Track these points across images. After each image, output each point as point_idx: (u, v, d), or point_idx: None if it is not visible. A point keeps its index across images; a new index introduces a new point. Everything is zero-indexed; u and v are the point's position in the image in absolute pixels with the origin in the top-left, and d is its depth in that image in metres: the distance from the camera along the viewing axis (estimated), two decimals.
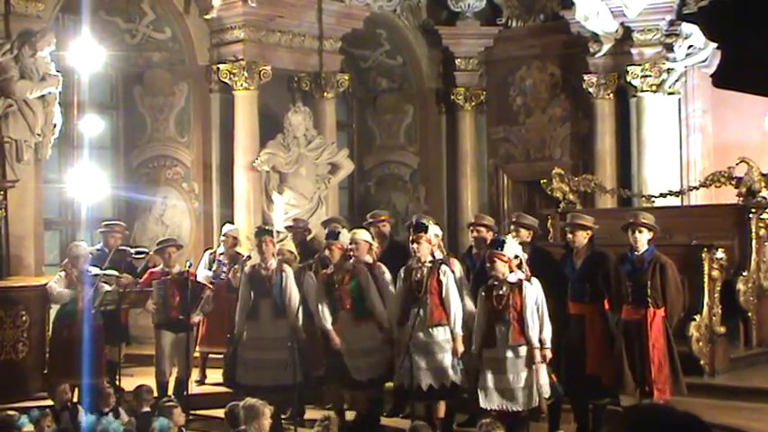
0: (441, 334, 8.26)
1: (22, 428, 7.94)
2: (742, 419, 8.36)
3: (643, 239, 8.14)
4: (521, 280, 7.78)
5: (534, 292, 7.76)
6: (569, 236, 8.38)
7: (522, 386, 7.72)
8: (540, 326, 7.76)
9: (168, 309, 9.76)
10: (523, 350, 7.73)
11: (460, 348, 8.22)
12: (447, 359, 8.24)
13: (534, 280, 7.82)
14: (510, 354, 7.75)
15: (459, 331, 8.23)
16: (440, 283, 8.25)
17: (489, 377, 7.83)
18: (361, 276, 8.69)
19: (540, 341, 7.76)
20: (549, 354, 7.78)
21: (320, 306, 8.84)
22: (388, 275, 8.72)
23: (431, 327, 8.24)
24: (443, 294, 8.25)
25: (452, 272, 8.40)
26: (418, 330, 8.19)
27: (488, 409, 7.76)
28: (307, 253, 10.17)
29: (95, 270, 9.83)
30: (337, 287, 8.75)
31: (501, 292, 7.80)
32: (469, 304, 8.35)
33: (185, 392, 9.59)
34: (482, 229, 8.94)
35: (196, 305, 9.83)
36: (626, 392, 8.14)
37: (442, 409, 8.38)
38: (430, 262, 8.34)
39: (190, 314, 9.71)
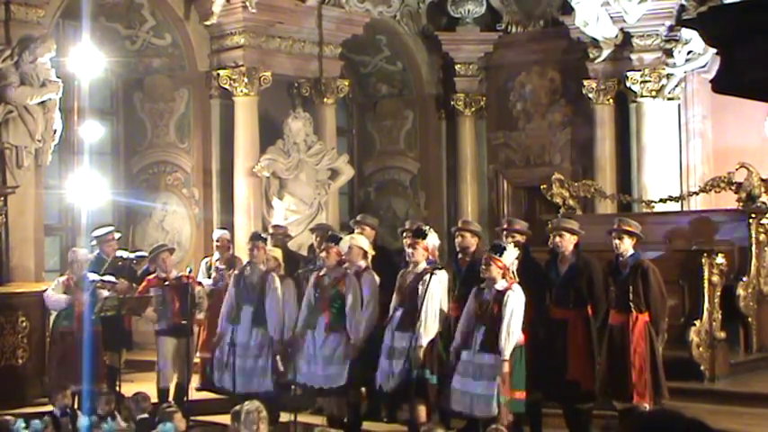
0: (406, 340, 8.21)
1: None
2: (742, 425, 8.36)
3: (625, 245, 8.17)
4: (506, 289, 7.78)
5: (515, 303, 7.72)
6: (557, 239, 8.37)
7: (484, 394, 7.69)
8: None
9: (168, 315, 9.76)
10: (492, 358, 7.71)
11: (419, 359, 8.11)
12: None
13: (517, 287, 7.80)
14: (479, 360, 7.76)
15: (422, 343, 8.14)
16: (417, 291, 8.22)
17: (459, 379, 7.86)
18: (345, 286, 8.68)
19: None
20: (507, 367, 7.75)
21: (298, 312, 8.88)
22: (374, 283, 8.71)
23: (402, 331, 8.24)
24: (418, 304, 8.16)
25: (439, 282, 8.33)
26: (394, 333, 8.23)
27: (453, 410, 7.81)
28: (289, 259, 10.15)
29: (93, 276, 9.83)
30: (325, 291, 8.78)
31: (485, 298, 7.81)
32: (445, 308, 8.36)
33: (186, 398, 9.59)
34: (467, 234, 8.89)
35: (195, 306, 9.85)
36: (609, 397, 8.14)
37: (422, 413, 8.34)
38: (422, 269, 8.33)
39: (191, 319, 9.73)
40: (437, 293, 8.21)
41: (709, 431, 2.71)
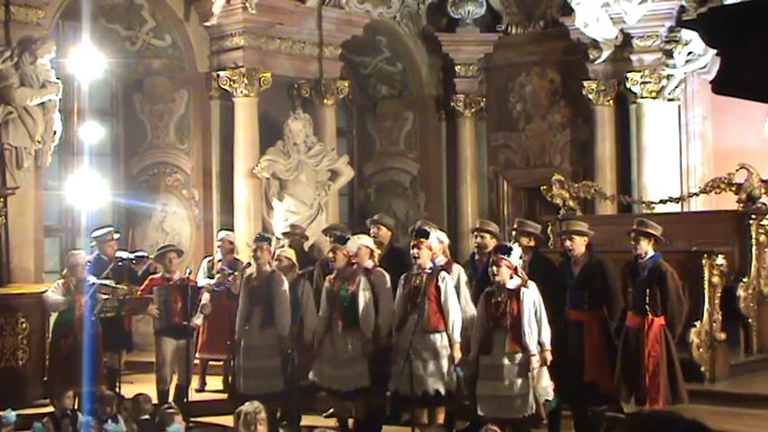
0: (438, 340, 8.25)
1: (10, 423, 8.00)
2: (742, 426, 8.36)
3: (642, 247, 8.10)
4: (519, 287, 7.78)
5: (531, 298, 7.74)
6: (567, 243, 8.37)
7: (518, 393, 7.70)
8: (538, 330, 7.74)
9: (170, 315, 9.76)
10: (519, 357, 7.72)
11: (458, 355, 8.21)
12: (444, 365, 8.23)
13: (531, 284, 7.80)
14: (506, 361, 7.75)
15: (456, 338, 8.22)
16: (438, 289, 8.24)
17: (485, 384, 7.83)
18: (355, 285, 8.68)
19: (540, 344, 7.73)
20: (549, 356, 7.75)
21: (314, 314, 8.91)
22: (387, 281, 8.71)
23: (428, 333, 8.23)
24: (442, 301, 8.24)
25: (452, 278, 8.40)
26: (416, 336, 8.20)
27: (485, 416, 7.77)
28: (304, 260, 10.15)
29: (93, 279, 9.82)
30: (335, 293, 8.77)
31: (499, 299, 7.80)
32: (471, 310, 8.35)
33: (185, 399, 9.59)
34: (486, 235, 8.94)
35: (195, 308, 9.85)
36: (622, 399, 8.14)
37: (441, 415, 8.36)
38: (430, 268, 8.34)
39: (191, 320, 9.73)
40: (453, 288, 8.28)
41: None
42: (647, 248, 8.08)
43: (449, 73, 15.63)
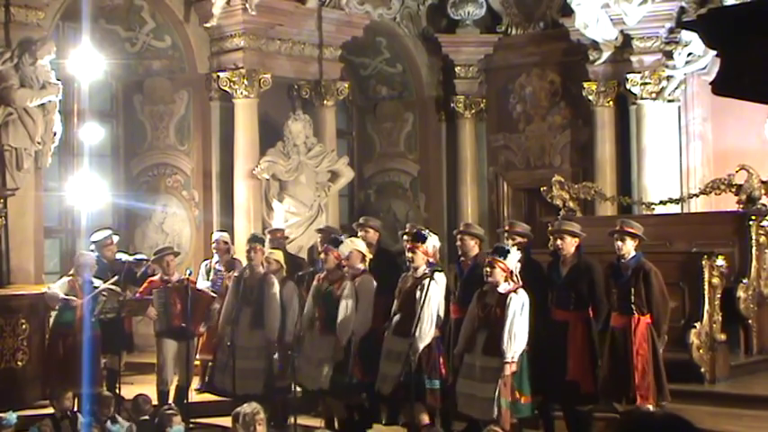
0: (406, 345, 8.20)
1: (11, 425, 8.01)
2: (742, 427, 8.36)
3: (627, 247, 8.18)
4: (508, 292, 7.77)
5: (518, 305, 7.72)
6: (558, 242, 8.39)
7: (486, 397, 7.69)
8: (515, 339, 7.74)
9: (170, 317, 9.77)
10: (495, 361, 7.71)
11: (415, 363, 8.09)
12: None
13: (522, 291, 7.81)
14: (482, 362, 7.77)
15: (418, 347, 8.11)
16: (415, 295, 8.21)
17: (462, 382, 7.88)
18: (341, 290, 8.67)
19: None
20: (514, 368, 7.71)
21: (295, 317, 8.98)
22: (369, 285, 8.70)
23: (402, 336, 8.23)
24: (416, 306, 8.16)
25: (437, 285, 8.27)
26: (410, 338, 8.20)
27: (461, 412, 7.84)
28: (290, 261, 10.14)
29: (98, 282, 9.81)
30: (320, 293, 8.84)
31: (488, 301, 7.81)
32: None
33: (186, 400, 9.59)
34: (466, 238, 8.88)
35: (204, 317, 9.89)
36: (612, 400, 8.15)
37: (424, 416, 8.31)
38: (421, 273, 8.31)
39: (192, 323, 9.72)
40: (435, 298, 8.19)
41: (686, 424, 2.72)
42: (630, 248, 8.15)
43: (449, 74, 15.64)
